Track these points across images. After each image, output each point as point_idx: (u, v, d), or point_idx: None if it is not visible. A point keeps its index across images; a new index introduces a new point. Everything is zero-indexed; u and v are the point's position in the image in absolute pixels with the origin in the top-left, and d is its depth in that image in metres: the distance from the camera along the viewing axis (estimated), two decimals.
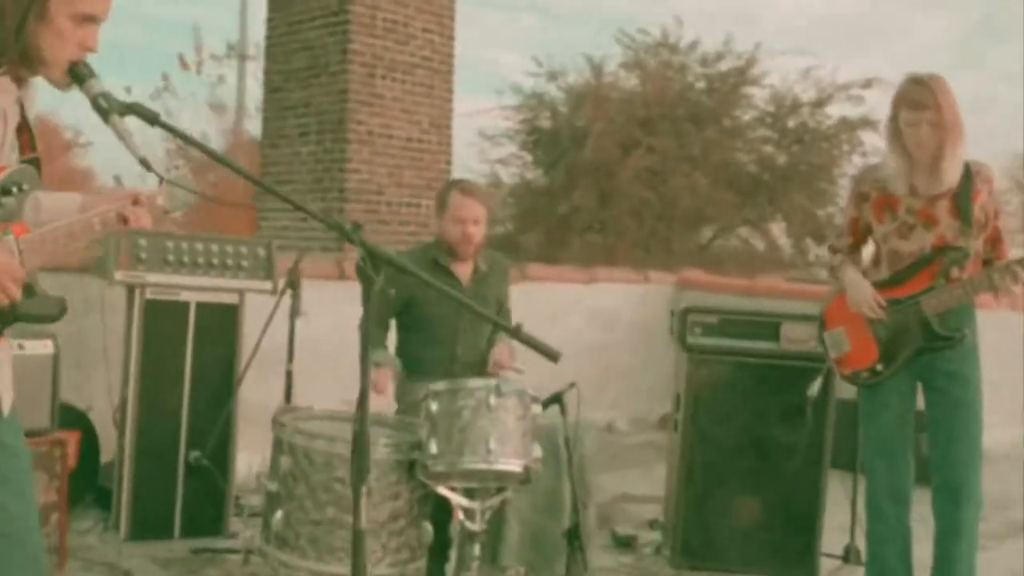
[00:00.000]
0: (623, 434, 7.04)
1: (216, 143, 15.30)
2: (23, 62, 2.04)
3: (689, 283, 7.63)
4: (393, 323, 4.20)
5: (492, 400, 3.31)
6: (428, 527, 3.46)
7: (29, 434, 3.65)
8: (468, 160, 17.10)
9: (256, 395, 4.45)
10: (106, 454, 4.52)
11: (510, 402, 3.35)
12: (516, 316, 6.42)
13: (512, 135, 14.81)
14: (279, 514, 3.40)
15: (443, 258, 4.11)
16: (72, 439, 4.40)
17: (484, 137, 14.72)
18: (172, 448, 4.31)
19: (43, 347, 3.83)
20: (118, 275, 4.15)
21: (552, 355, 2.20)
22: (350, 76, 8.46)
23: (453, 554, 3.47)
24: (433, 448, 3.29)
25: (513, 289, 6.27)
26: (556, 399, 3.61)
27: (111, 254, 4.13)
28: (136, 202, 2.30)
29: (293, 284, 4.28)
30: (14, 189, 2.12)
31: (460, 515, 3.37)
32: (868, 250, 3.73)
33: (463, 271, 4.14)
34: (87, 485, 4.49)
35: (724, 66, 14.36)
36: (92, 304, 4.43)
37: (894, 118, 3.56)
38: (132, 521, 4.25)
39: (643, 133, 13.59)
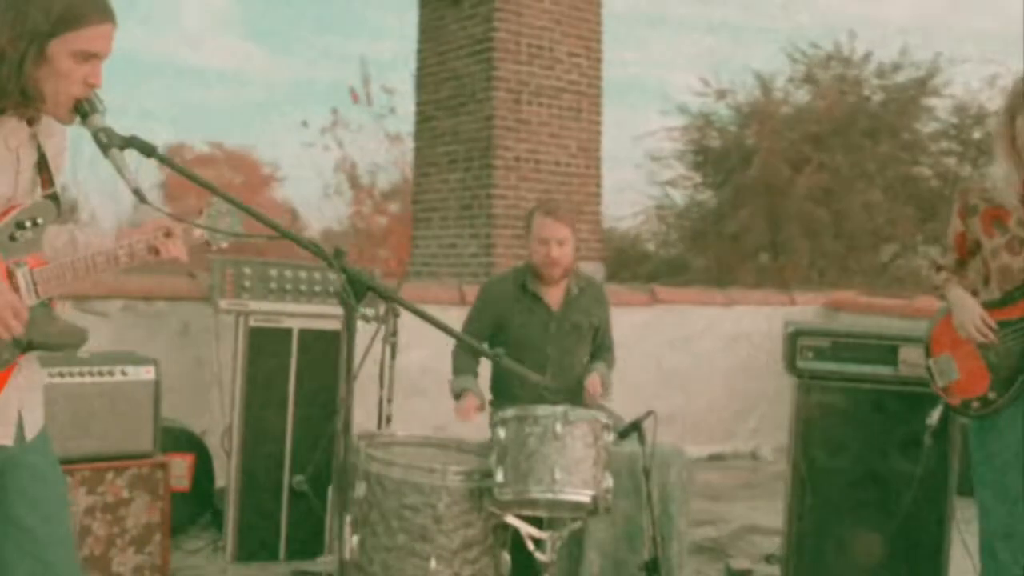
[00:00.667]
0: (768, 463, 6.75)
1: (391, 173, 15.77)
2: (25, 103, 2.11)
3: (839, 304, 7.26)
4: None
5: (558, 428, 3.21)
6: (506, 557, 3.39)
7: (132, 456, 3.83)
8: (637, 183, 16.97)
9: (357, 420, 4.48)
10: (221, 477, 4.65)
11: (578, 430, 3.25)
12: (644, 340, 6.37)
13: (680, 156, 14.59)
14: (354, 540, 3.40)
15: (531, 282, 4.05)
16: (186, 462, 4.58)
17: (653, 159, 14.57)
18: (276, 472, 4.40)
19: (145, 373, 3.98)
20: (223, 303, 4.28)
21: (537, 382, 2.11)
22: (496, 103, 8.52)
23: None
24: (500, 476, 3.22)
25: (643, 312, 6.16)
26: (634, 427, 3.48)
27: (217, 283, 4.27)
28: (168, 234, 2.36)
29: (392, 310, 4.30)
30: (28, 223, 2.20)
31: (530, 545, 3.29)
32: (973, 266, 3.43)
33: (552, 295, 4.06)
34: (202, 507, 4.64)
35: (901, 77, 13.70)
36: (209, 332, 4.60)
37: (1008, 123, 3.27)
38: (238, 543, 4.35)
39: (814, 150, 13.13)
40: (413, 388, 5.06)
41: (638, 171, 14.23)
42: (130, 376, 3.95)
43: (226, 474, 4.54)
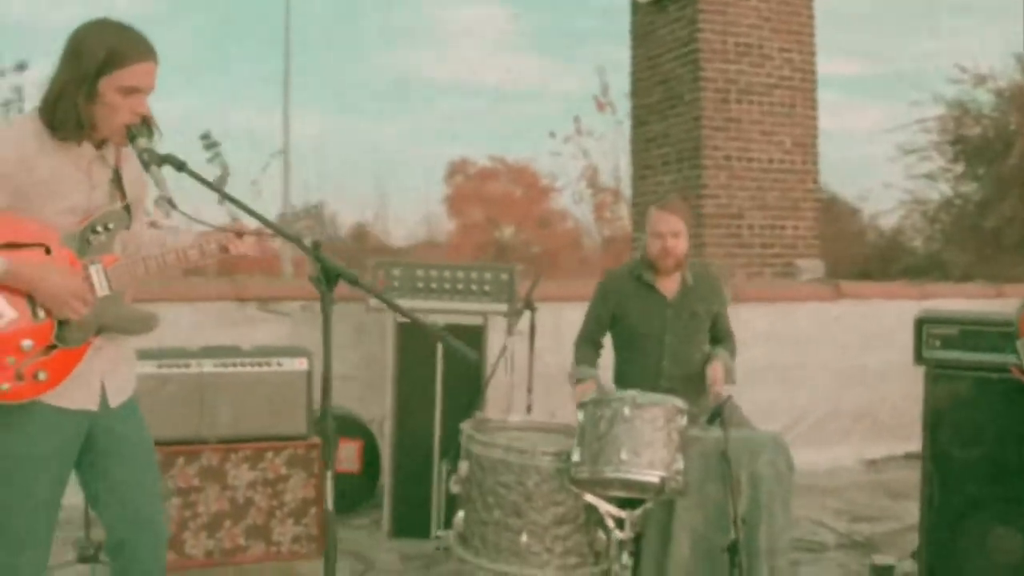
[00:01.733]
0: None
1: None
2: (84, 133, 2.56)
3: None
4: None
5: (627, 411, 3.36)
6: (601, 535, 3.56)
7: (288, 438, 4.30)
8: (892, 176, 16.17)
9: (496, 410, 4.77)
10: None
11: (648, 413, 3.38)
12: (826, 335, 6.23)
13: (936, 147, 13.81)
14: (460, 514, 3.69)
15: (646, 274, 4.20)
16: (356, 447, 5.04)
17: (906, 151, 13.89)
18: (427, 458, 4.76)
19: (299, 364, 4.45)
20: (372, 302, 4.70)
21: (471, 358, 2.31)
22: (703, 103, 8.55)
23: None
24: (576, 456, 3.41)
25: (828, 307, 6.06)
26: (716, 414, 3.54)
27: (368, 283, 4.69)
28: (239, 235, 2.77)
29: (528, 305, 4.57)
30: (101, 228, 2.65)
31: (610, 523, 3.45)
32: None
33: (667, 286, 4.18)
34: (370, 488, 5.08)
35: None
36: (382, 330, 5.03)
37: None
38: (394, 520, 4.76)
39: None
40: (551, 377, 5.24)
41: (892, 165, 13.50)
42: (285, 367, 4.43)
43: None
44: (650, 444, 3.35)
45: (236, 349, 4.47)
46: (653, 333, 4.18)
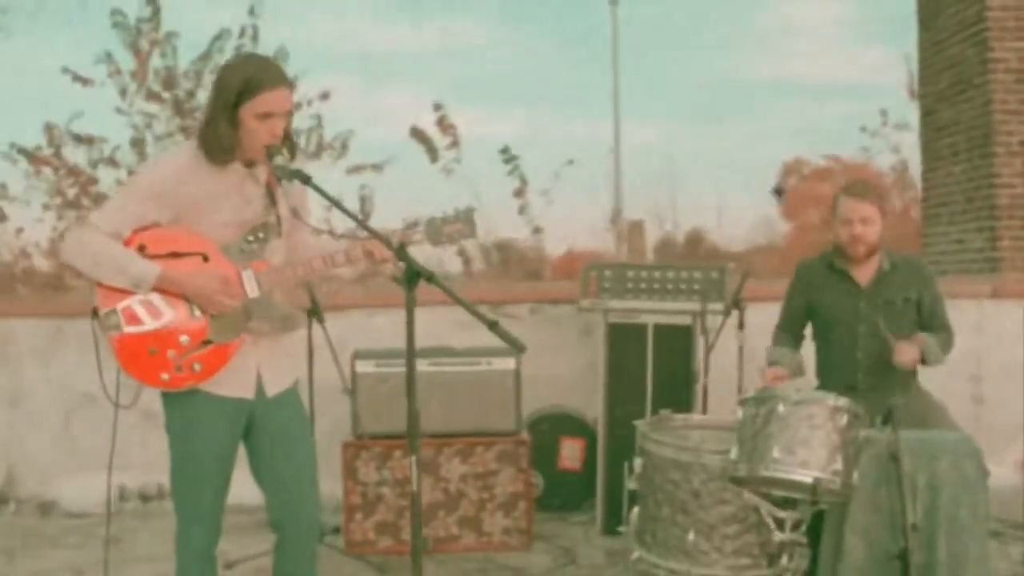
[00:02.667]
0: None
1: None
2: (231, 155, 2.88)
3: None
4: None
5: (781, 408, 3.26)
6: (776, 537, 3.47)
7: (497, 434, 4.52)
8: None
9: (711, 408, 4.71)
10: None
11: (803, 411, 3.25)
12: (981, 332, 5.59)
13: None
14: (635, 511, 3.73)
15: (838, 262, 4.05)
16: (578, 446, 5.18)
17: None
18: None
19: (508, 364, 4.64)
20: (585, 303, 4.81)
21: (518, 347, 2.37)
22: (993, 86, 7.92)
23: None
24: (733, 454, 3.35)
25: (986, 305, 5.54)
26: (888, 414, 3.34)
27: (581, 285, 4.83)
28: (391, 240, 3.02)
29: (737, 303, 4.50)
30: (252, 238, 2.97)
31: (770, 523, 3.36)
32: None
33: (862, 273, 4.03)
34: (593, 486, 5.17)
35: None
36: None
37: None
38: (606, 517, 4.83)
39: None
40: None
41: None
42: (495, 366, 4.64)
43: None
44: (805, 443, 3.23)
45: (450, 349, 4.74)
46: (846, 323, 4.04)
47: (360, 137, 9.48)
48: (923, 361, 3.95)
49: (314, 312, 4.48)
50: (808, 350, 4.22)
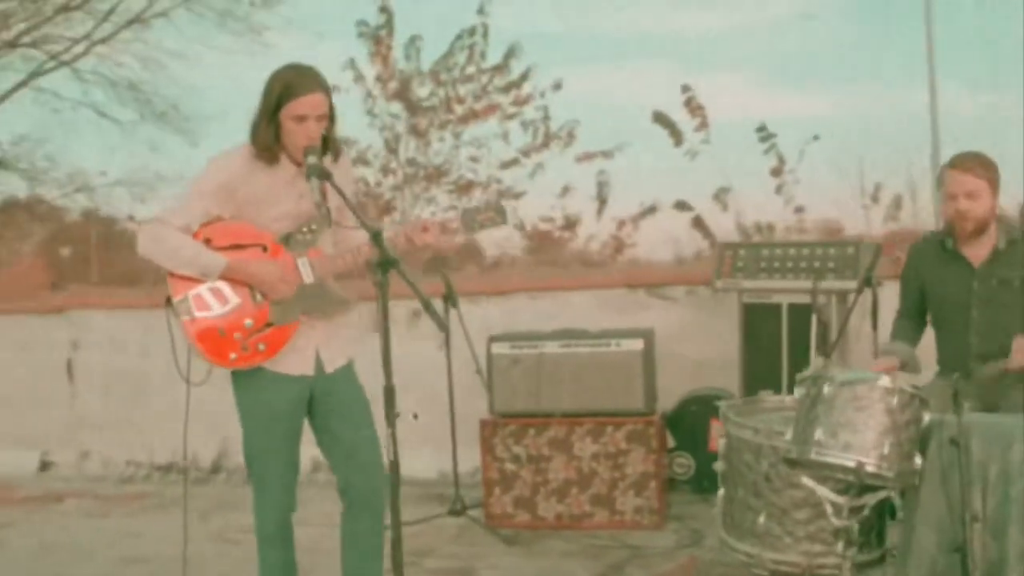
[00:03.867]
0: None
1: None
2: (277, 154, 3.21)
3: None
4: None
5: (826, 389, 3.17)
6: (854, 525, 3.39)
7: (627, 414, 4.63)
8: None
9: None
10: None
11: (848, 392, 3.15)
12: None
13: None
14: (720, 492, 3.74)
15: (949, 241, 3.78)
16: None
17: None
18: None
19: (635, 345, 4.71)
20: (719, 283, 4.79)
21: (444, 328, 2.49)
22: None
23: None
24: (788, 435, 3.30)
25: None
26: (955, 397, 3.13)
27: (716, 265, 4.81)
28: (424, 229, 3.28)
29: (869, 281, 4.32)
30: (306, 229, 3.28)
31: (828, 509, 3.27)
32: None
33: (975, 252, 3.74)
34: None
35: None
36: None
37: None
38: None
39: None
40: None
41: None
42: (624, 347, 4.73)
43: None
44: (849, 425, 3.12)
45: (583, 332, 4.87)
46: (958, 305, 3.76)
47: (604, 122, 9.61)
48: None
49: (449, 297, 4.77)
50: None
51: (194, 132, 12.68)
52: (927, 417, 3.20)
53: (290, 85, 3.15)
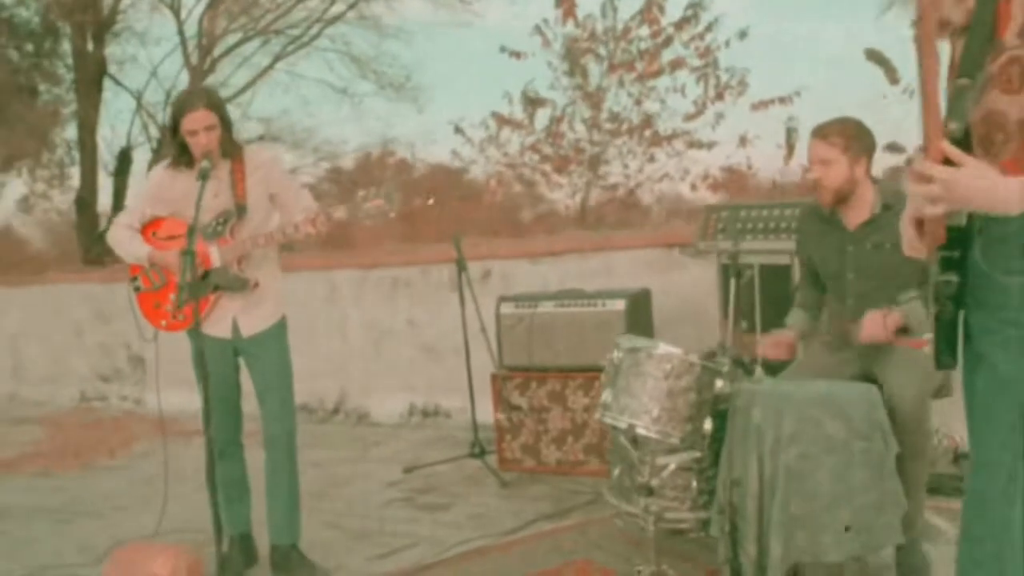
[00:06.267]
0: None
1: None
2: (183, 161, 3.91)
3: None
4: None
5: (615, 355, 3.48)
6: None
7: (576, 370, 4.98)
8: None
9: None
10: None
11: (631, 359, 3.45)
12: None
13: None
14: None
15: (820, 208, 3.78)
16: None
17: None
18: None
19: (618, 305, 5.00)
20: (701, 245, 4.95)
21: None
22: None
23: None
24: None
25: None
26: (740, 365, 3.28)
27: (699, 228, 4.97)
28: (310, 222, 3.90)
29: None
30: (219, 221, 3.97)
31: (637, 464, 3.53)
32: None
33: (851, 218, 3.72)
34: None
35: None
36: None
37: None
38: None
39: None
40: None
41: None
42: (608, 307, 5.03)
43: None
44: (627, 389, 3.39)
45: (579, 292, 5.22)
46: (835, 270, 3.76)
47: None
48: (906, 330, 3.55)
49: (459, 263, 5.31)
50: None
51: (421, 100, 13.75)
52: (719, 383, 3.36)
53: (178, 106, 3.85)
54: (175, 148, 3.92)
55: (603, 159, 11.01)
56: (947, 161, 1.88)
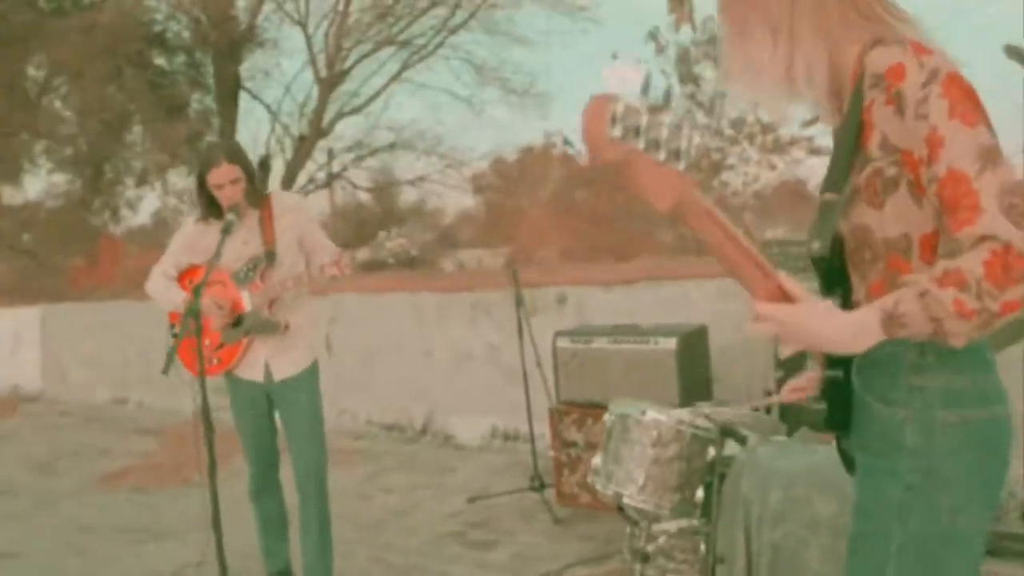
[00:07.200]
0: None
1: None
2: (212, 212, 4.03)
3: None
4: None
5: (606, 420, 3.41)
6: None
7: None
8: None
9: None
10: None
11: (621, 424, 3.39)
12: None
13: None
14: None
15: None
16: None
17: None
18: None
19: (669, 344, 4.86)
20: None
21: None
22: None
23: None
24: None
25: None
26: (723, 431, 3.14)
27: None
28: (338, 262, 3.98)
29: None
30: (250, 267, 4.09)
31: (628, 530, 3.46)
32: None
33: None
34: None
35: None
36: None
37: None
38: None
39: None
40: None
41: None
42: (660, 345, 4.90)
43: None
44: (615, 455, 3.35)
45: (633, 328, 5.11)
46: None
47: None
48: None
49: (517, 298, 5.30)
50: None
51: (545, 107, 13.78)
52: (712, 452, 3.22)
53: (203, 162, 3.97)
54: (203, 202, 4.05)
55: (724, 165, 10.77)
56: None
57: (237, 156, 4.02)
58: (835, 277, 1.86)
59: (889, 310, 1.61)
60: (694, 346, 4.97)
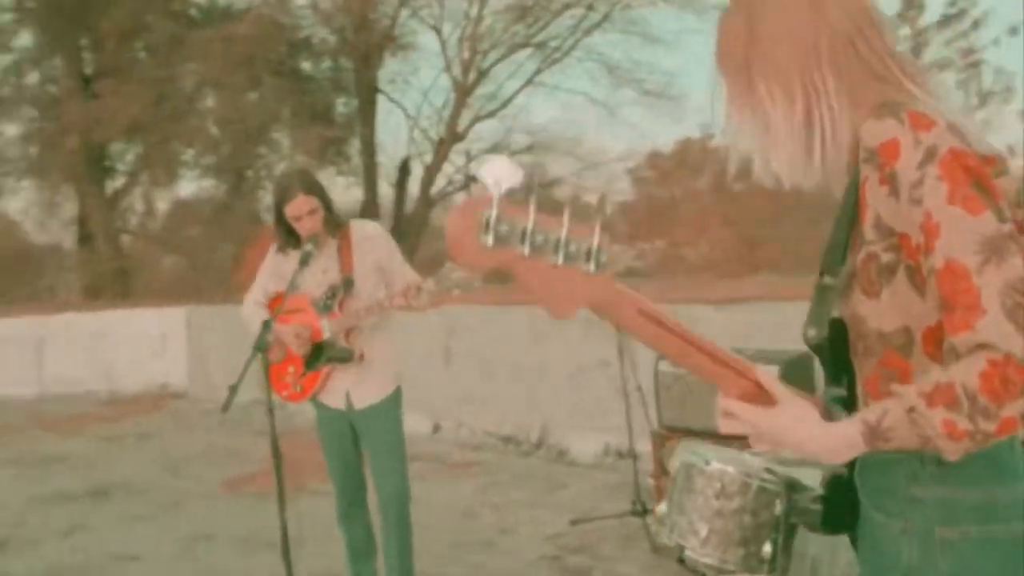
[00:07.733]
0: None
1: None
2: (290, 243, 4.07)
3: None
4: None
5: (671, 467, 3.19)
6: None
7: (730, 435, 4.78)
8: None
9: None
10: None
11: (684, 472, 3.12)
12: None
13: None
14: None
15: None
16: None
17: None
18: None
19: (770, 371, 4.65)
20: None
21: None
22: None
23: None
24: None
25: None
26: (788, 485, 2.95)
27: None
28: (418, 289, 3.97)
29: None
30: (328, 296, 4.12)
31: None
32: None
33: None
34: None
35: None
36: None
37: None
38: None
39: None
40: None
41: None
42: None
43: None
44: (678, 505, 3.10)
45: (737, 352, 4.89)
46: None
47: None
48: None
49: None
50: None
51: (680, 109, 13.47)
52: (779, 505, 3.04)
53: (280, 194, 4.03)
54: (281, 232, 4.08)
55: None
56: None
57: (313, 187, 4.04)
58: (840, 365, 1.70)
59: (872, 424, 1.45)
60: (799, 374, 4.71)
